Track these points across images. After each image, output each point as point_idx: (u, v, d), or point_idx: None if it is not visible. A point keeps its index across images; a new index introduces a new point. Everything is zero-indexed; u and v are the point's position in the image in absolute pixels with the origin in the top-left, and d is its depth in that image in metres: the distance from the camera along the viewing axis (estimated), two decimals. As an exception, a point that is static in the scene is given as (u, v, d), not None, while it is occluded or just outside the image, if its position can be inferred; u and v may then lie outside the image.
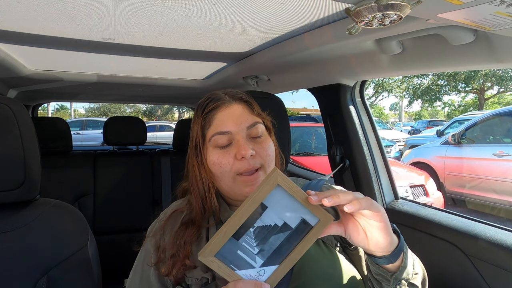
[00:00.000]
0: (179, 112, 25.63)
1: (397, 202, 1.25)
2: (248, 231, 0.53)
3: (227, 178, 0.66)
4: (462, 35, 0.72)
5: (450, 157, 4.80)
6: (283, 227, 0.53)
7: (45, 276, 0.73)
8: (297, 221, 0.54)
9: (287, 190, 0.53)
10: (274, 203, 0.53)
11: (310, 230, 0.54)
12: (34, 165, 0.75)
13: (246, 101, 0.71)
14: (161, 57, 1.29)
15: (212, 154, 0.67)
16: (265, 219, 0.53)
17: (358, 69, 1.14)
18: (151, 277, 0.67)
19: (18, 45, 1.12)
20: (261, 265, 0.54)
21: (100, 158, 2.09)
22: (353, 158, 1.32)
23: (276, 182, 0.52)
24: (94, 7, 0.79)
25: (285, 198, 0.53)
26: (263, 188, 0.52)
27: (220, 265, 0.53)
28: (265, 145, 0.68)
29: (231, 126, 0.66)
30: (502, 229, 0.90)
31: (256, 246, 0.53)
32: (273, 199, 0.53)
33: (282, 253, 0.54)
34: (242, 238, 0.53)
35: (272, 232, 0.53)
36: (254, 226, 0.53)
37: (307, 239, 0.54)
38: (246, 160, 0.64)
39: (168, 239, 0.68)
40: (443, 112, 23.50)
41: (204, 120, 0.69)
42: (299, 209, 0.53)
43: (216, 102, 0.69)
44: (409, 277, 0.58)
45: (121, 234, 1.97)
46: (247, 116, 0.68)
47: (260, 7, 0.78)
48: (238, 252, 0.53)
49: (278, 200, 0.53)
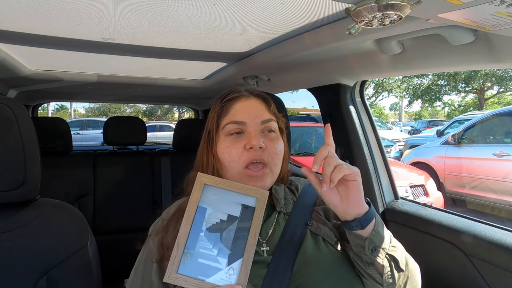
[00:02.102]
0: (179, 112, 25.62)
1: (397, 202, 1.25)
2: (199, 237, 0.55)
3: (234, 170, 0.68)
4: (462, 35, 0.72)
5: (450, 157, 4.80)
6: (229, 220, 0.56)
7: (45, 276, 0.73)
8: (238, 209, 0.56)
9: (216, 186, 0.56)
10: (211, 202, 0.56)
11: (254, 211, 0.56)
12: (34, 165, 0.75)
13: (264, 98, 0.74)
14: (161, 57, 1.29)
15: (223, 142, 0.69)
16: (209, 220, 0.55)
17: (358, 69, 1.14)
18: (153, 276, 0.67)
19: (18, 45, 1.12)
20: (227, 264, 0.54)
21: (100, 158, 2.09)
22: (353, 158, 1.32)
23: (203, 183, 0.56)
24: (94, 7, 0.79)
25: (218, 194, 0.56)
26: (193, 193, 0.55)
27: (187, 279, 0.53)
28: (275, 142, 0.70)
29: (247, 117, 0.69)
30: (502, 229, 0.90)
31: (213, 247, 0.55)
32: (208, 199, 0.56)
33: (240, 244, 0.55)
34: (197, 246, 0.55)
35: (222, 228, 0.55)
36: (202, 230, 0.55)
37: (256, 220, 0.56)
38: (254, 151, 0.66)
39: (171, 237, 0.68)
40: (443, 112, 23.50)
41: (221, 108, 0.71)
42: (235, 197, 0.57)
43: (236, 93, 0.73)
44: (386, 246, 0.61)
45: (121, 234, 1.97)
46: (263, 112, 0.71)
47: (260, 7, 0.78)
48: (199, 260, 0.54)
49: (213, 198, 0.56)
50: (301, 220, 0.70)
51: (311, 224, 0.70)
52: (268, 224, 0.71)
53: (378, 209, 1.23)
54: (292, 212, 0.72)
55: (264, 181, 0.68)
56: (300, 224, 0.70)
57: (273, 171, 0.69)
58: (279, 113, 0.76)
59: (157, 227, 0.73)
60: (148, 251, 0.71)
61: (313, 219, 0.71)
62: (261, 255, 0.66)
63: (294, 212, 0.72)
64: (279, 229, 0.70)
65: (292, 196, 0.77)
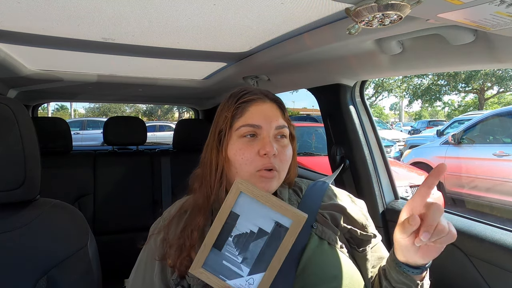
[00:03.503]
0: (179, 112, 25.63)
1: (397, 202, 1.25)
2: (227, 241, 0.55)
3: (244, 172, 0.67)
4: (462, 35, 0.72)
5: (450, 157, 4.80)
6: (259, 233, 0.54)
7: (45, 276, 0.72)
8: (271, 225, 0.54)
9: (252, 196, 0.54)
10: (245, 211, 0.55)
11: (287, 231, 0.54)
12: (34, 165, 0.75)
13: (280, 103, 0.73)
14: (161, 57, 1.29)
15: (236, 144, 0.68)
16: (240, 228, 0.55)
17: (358, 69, 1.14)
18: (155, 277, 0.67)
19: (18, 45, 1.12)
20: (248, 273, 0.54)
21: (100, 158, 2.09)
22: (353, 158, 1.32)
23: (239, 190, 0.54)
24: (94, 7, 0.79)
25: (253, 204, 0.54)
26: (228, 197, 0.54)
27: (209, 276, 0.55)
28: (286, 149, 0.69)
29: (262, 121, 0.68)
30: (502, 229, 0.90)
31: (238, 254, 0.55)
32: (242, 207, 0.55)
33: (265, 259, 0.54)
34: (224, 248, 0.55)
35: (250, 239, 0.54)
36: (231, 235, 0.55)
37: (286, 243, 0.54)
38: (268, 157, 0.65)
39: (173, 236, 0.68)
40: (443, 112, 23.51)
41: (236, 109, 0.70)
42: (270, 213, 0.54)
43: (252, 95, 0.71)
44: (427, 287, 0.62)
45: (121, 234, 1.98)
46: (278, 117, 0.70)
47: (260, 7, 0.78)
48: (223, 262, 0.55)
49: (248, 208, 0.54)
50: (306, 222, 0.70)
51: (316, 227, 0.70)
52: None
53: (378, 209, 1.23)
54: None
55: (272, 183, 0.67)
56: (305, 226, 0.70)
57: (280, 175, 0.69)
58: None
59: (158, 226, 0.73)
60: (149, 251, 0.71)
61: (318, 222, 0.71)
62: None
63: None
64: None
65: (296, 197, 0.77)
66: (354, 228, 0.71)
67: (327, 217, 0.72)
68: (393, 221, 1.18)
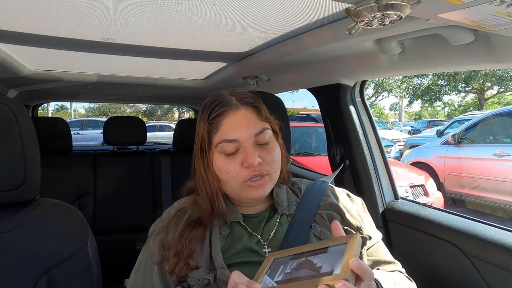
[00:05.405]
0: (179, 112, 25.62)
1: (397, 202, 1.25)
2: (298, 258, 0.54)
3: (234, 184, 0.66)
4: (462, 35, 0.72)
5: (450, 157, 4.80)
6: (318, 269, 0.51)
7: (45, 276, 0.72)
8: (328, 269, 0.50)
9: (349, 249, 0.50)
10: (333, 251, 0.52)
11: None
12: (34, 165, 0.75)
13: (254, 105, 0.69)
14: (161, 57, 1.29)
15: (219, 160, 0.67)
16: (316, 258, 0.52)
17: (358, 69, 1.14)
18: (154, 278, 0.67)
19: (18, 45, 1.12)
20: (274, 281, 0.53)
21: (100, 158, 2.09)
22: (353, 158, 1.32)
23: (348, 241, 0.52)
24: (94, 7, 0.79)
25: (341, 253, 0.51)
26: (340, 239, 0.54)
27: (265, 265, 0.56)
28: (272, 151, 0.67)
29: (239, 133, 0.65)
30: (502, 229, 0.90)
31: (286, 273, 0.52)
32: (335, 248, 0.53)
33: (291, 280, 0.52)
34: (284, 259, 0.55)
35: (306, 269, 0.51)
36: (306, 257, 0.53)
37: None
38: (253, 167, 0.64)
39: (172, 237, 0.68)
40: (443, 112, 23.50)
41: (210, 126, 0.67)
42: (339, 263, 0.49)
43: (223, 106, 0.67)
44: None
45: (121, 234, 1.98)
46: (255, 123, 0.67)
47: (260, 7, 0.78)
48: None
49: (336, 251, 0.52)
50: (305, 222, 0.70)
51: (315, 228, 0.69)
52: (270, 226, 0.71)
53: (378, 209, 1.23)
54: (296, 214, 0.72)
55: (265, 188, 0.67)
56: (304, 227, 0.69)
57: (272, 177, 0.68)
58: (271, 115, 0.72)
59: (157, 227, 0.73)
60: (148, 252, 0.71)
61: (316, 223, 0.71)
62: (262, 256, 0.66)
63: (298, 214, 0.72)
64: (281, 230, 0.70)
65: (295, 198, 0.76)
66: (349, 229, 0.71)
67: (325, 218, 0.72)
68: (393, 221, 1.18)
